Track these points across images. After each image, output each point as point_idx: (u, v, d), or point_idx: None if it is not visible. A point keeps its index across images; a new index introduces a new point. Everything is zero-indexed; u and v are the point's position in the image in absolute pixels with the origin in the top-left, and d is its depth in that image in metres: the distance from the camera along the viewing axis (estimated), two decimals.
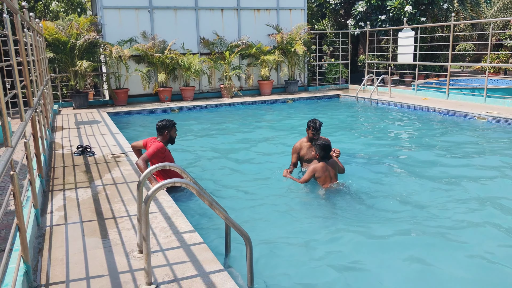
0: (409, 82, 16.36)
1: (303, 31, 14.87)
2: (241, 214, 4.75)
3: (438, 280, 3.41)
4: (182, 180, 2.78)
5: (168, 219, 3.93)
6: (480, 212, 4.67)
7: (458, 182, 5.63)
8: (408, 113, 11.09)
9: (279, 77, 15.47)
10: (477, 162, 6.55)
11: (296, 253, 3.88)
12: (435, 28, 19.78)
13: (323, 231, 4.30)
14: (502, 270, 3.53)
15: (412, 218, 4.55)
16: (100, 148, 6.98)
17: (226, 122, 10.61)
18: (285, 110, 12.29)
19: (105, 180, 5.20)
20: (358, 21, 16.92)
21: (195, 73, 13.04)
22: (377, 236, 4.16)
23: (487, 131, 8.65)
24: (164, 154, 5.22)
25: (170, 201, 4.39)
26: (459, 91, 12.87)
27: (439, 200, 5.04)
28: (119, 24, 13.13)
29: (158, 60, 13.03)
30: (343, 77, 16.82)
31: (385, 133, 9.12)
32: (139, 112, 11.82)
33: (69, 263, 3.17)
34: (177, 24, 13.83)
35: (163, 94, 13.22)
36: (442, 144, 7.72)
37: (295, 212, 4.77)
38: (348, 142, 8.14)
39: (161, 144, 5.26)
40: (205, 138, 8.77)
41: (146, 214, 2.70)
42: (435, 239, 4.08)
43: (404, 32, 13.99)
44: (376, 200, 5.04)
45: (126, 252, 3.32)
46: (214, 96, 14.36)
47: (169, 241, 3.48)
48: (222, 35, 14.29)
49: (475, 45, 23.39)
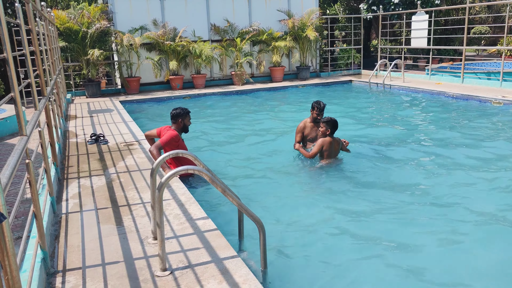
0: (423, 67, 16.11)
1: (314, 16, 14.69)
2: (254, 199, 4.76)
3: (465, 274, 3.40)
4: (195, 167, 2.78)
5: (182, 206, 3.95)
6: (493, 203, 4.61)
7: (470, 167, 5.56)
8: (421, 98, 10.95)
9: (291, 63, 15.35)
10: (491, 147, 6.45)
11: (310, 240, 3.89)
12: (450, 11, 19.38)
13: (335, 214, 4.30)
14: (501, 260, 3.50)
15: (411, 203, 4.52)
16: (113, 136, 7.04)
17: (238, 109, 10.60)
18: (297, 96, 12.22)
19: (119, 168, 5.25)
20: (370, 5, 16.65)
21: (206, 61, 13.00)
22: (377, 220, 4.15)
23: (504, 116, 8.50)
24: (177, 143, 5.24)
25: (183, 188, 4.41)
26: (474, 75, 12.65)
27: (447, 183, 4.99)
28: (130, 12, 13.11)
29: (169, 48, 13.02)
30: (356, 63, 16.62)
31: (398, 118, 9.02)
32: (151, 100, 11.86)
33: (85, 250, 3.22)
34: (188, 11, 13.77)
35: (175, 82, 13.23)
36: (455, 129, 7.61)
37: (308, 198, 4.77)
38: (360, 127, 8.07)
39: (175, 132, 5.28)
40: (217, 124, 8.77)
41: (160, 201, 2.72)
42: (440, 227, 4.05)
43: (417, 16, 13.74)
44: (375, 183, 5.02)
45: (140, 239, 3.35)
46: (225, 83, 14.33)
47: (182, 228, 3.50)
48: (233, 22, 14.19)
49: (490, 28, 22.89)
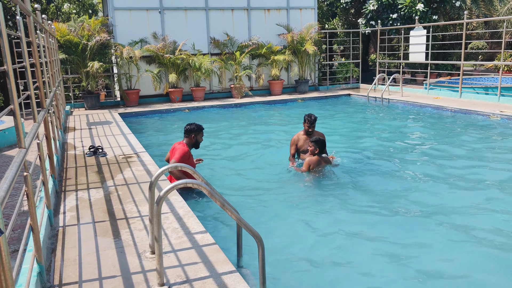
0: (421, 81, 16.20)
1: (313, 31, 14.81)
2: (253, 214, 4.74)
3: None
4: (194, 181, 2.77)
5: (180, 220, 3.93)
6: (485, 213, 4.60)
7: (469, 182, 5.56)
8: (420, 113, 10.98)
9: (290, 77, 15.42)
10: (488, 161, 6.46)
11: (309, 256, 3.86)
12: (447, 26, 19.58)
13: (333, 227, 4.27)
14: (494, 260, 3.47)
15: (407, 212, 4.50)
16: (112, 149, 7.02)
17: (236, 122, 10.61)
18: (295, 110, 12.24)
19: (117, 181, 5.22)
20: (369, 20, 16.81)
21: (205, 74, 13.06)
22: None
23: (501, 130, 8.52)
24: (188, 159, 5.28)
25: (182, 202, 4.39)
26: (472, 90, 12.71)
27: (443, 196, 4.98)
28: (130, 25, 13.20)
29: (169, 60, 13.08)
30: (354, 77, 16.72)
31: (396, 132, 9.04)
32: (150, 112, 11.87)
33: (82, 264, 3.18)
34: (188, 24, 13.87)
35: (174, 94, 13.27)
36: (453, 144, 7.62)
37: (306, 212, 4.75)
38: (358, 141, 8.08)
39: (186, 148, 5.37)
40: (216, 138, 8.76)
41: (158, 215, 2.70)
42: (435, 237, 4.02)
43: (415, 31, 13.86)
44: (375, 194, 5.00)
45: (138, 253, 3.32)
46: (224, 96, 14.37)
47: (180, 242, 3.47)
48: (233, 35, 14.29)
49: (488, 43, 23.09)
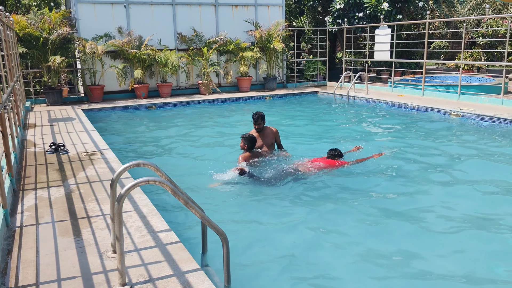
0: (386, 79, 16.55)
1: (281, 28, 14.86)
2: (219, 211, 4.71)
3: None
4: (156, 179, 2.72)
5: (144, 218, 3.86)
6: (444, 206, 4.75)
7: (428, 176, 5.72)
8: (384, 110, 11.22)
9: (258, 73, 15.43)
10: (448, 157, 6.67)
11: (271, 249, 3.87)
12: (411, 25, 20.06)
13: (292, 222, 4.32)
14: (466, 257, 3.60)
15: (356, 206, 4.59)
16: (74, 146, 6.82)
17: (204, 119, 10.53)
18: (263, 107, 12.27)
19: (79, 179, 5.07)
20: (335, 18, 17.01)
21: (172, 69, 12.88)
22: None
23: (460, 127, 8.82)
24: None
25: (146, 200, 4.31)
26: (434, 88, 13.09)
27: (407, 192, 5.11)
28: (94, 19, 12.85)
29: (134, 56, 12.82)
30: (321, 74, 16.89)
31: (360, 129, 9.20)
32: (115, 108, 11.60)
33: (40, 265, 3.07)
34: (154, 19, 13.63)
35: (140, 90, 13.02)
36: (415, 140, 7.83)
37: (268, 208, 4.77)
38: (323, 138, 8.17)
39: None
40: (182, 134, 8.67)
41: (119, 214, 2.63)
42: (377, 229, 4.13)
43: (380, 30, 14.13)
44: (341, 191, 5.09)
45: (99, 253, 3.24)
46: (192, 92, 14.22)
47: (144, 241, 3.41)
48: (200, 31, 14.16)
49: (449, 43, 23.84)
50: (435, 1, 20.52)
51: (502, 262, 3.63)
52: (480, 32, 19.79)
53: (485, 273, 3.49)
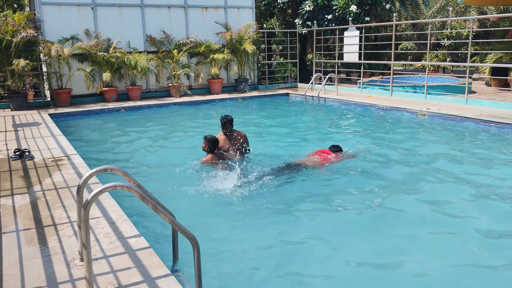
0: (355, 80, 16.82)
1: (251, 30, 14.90)
2: (189, 215, 4.67)
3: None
4: (124, 184, 2.66)
5: (113, 224, 3.78)
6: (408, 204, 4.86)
7: (397, 175, 5.84)
8: (354, 110, 11.40)
9: (229, 75, 15.41)
10: (416, 155, 6.83)
11: (245, 252, 3.86)
12: (379, 27, 20.50)
13: (263, 225, 4.32)
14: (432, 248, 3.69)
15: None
16: (40, 152, 6.63)
17: (174, 122, 10.42)
18: (235, 109, 12.25)
19: (45, 185, 4.93)
20: (305, 21, 17.18)
21: (141, 72, 12.71)
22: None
23: (427, 126, 9.05)
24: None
25: (115, 205, 4.22)
26: (402, 89, 13.39)
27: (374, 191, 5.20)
28: (60, 21, 12.54)
29: (103, 59, 12.58)
30: (292, 76, 17.02)
31: (331, 130, 9.32)
32: (83, 113, 11.35)
33: (3, 276, 2.96)
34: (123, 21, 13.42)
35: (109, 94, 12.79)
36: (384, 139, 7.98)
37: (238, 210, 4.76)
38: (294, 139, 8.23)
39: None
40: (152, 138, 8.55)
41: (85, 220, 2.57)
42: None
43: (349, 32, 14.36)
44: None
45: (66, 261, 3.15)
46: (162, 95, 14.07)
47: (113, 247, 3.34)
48: (170, 33, 14.03)
49: (416, 44, 24.47)
50: (402, 3, 21.00)
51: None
52: (445, 34, 20.41)
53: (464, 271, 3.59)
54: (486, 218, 4.51)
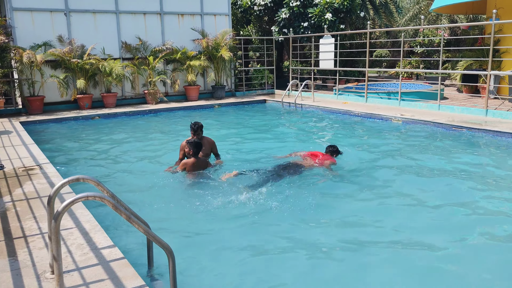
0: (331, 87, 17.02)
1: (228, 37, 14.92)
2: (165, 224, 4.61)
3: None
4: (96, 194, 2.61)
5: (86, 235, 3.69)
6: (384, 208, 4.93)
7: (374, 181, 5.92)
8: (330, 117, 11.52)
9: (206, 82, 15.38)
10: (391, 160, 6.94)
11: (220, 261, 3.83)
12: (354, 35, 20.81)
13: (228, 231, 4.31)
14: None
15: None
16: (10, 161, 6.44)
17: (150, 129, 10.31)
18: (212, 116, 12.22)
19: (16, 196, 4.79)
20: (281, 28, 17.32)
21: (117, 79, 12.55)
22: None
23: (401, 132, 9.22)
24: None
25: (88, 215, 4.14)
26: (377, 95, 13.61)
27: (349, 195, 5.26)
28: (32, 27, 12.28)
29: (77, 65, 12.37)
30: (269, 83, 17.10)
31: (308, 136, 9.38)
32: (56, 120, 11.11)
33: None
34: (97, 28, 13.25)
35: (83, 101, 12.57)
36: (359, 145, 8.08)
37: (205, 217, 4.73)
38: (272, 146, 8.25)
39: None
40: (128, 146, 8.43)
41: (56, 232, 2.51)
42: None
43: (325, 39, 14.53)
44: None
45: (37, 274, 3.06)
46: (138, 102, 13.91)
47: (86, 259, 3.26)
48: (145, 40, 13.91)
49: (390, 51, 24.96)
50: (376, 11, 21.42)
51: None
52: (418, 41, 20.89)
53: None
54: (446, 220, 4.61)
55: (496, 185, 5.76)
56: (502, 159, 7.01)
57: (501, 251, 3.98)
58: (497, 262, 3.78)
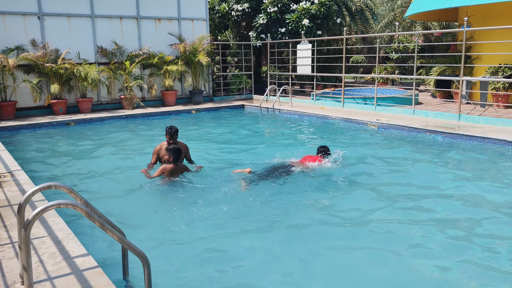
0: (309, 92, 17.17)
1: (206, 42, 14.89)
2: (142, 230, 4.54)
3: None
4: (68, 201, 2.55)
5: (59, 244, 3.60)
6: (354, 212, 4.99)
7: (350, 185, 5.98)
8: (308, 122, 11.60)
9: (183, 87, 15.29)
10: (367, 164, 7.02)
11: (196, 267, 3.79)
12: (331, 41, 21.08)
13: (209, 236, 4.29)
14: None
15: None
16: None
17: (126, 134, 10.16)
18: (189, 121, 12.14)
19: None
20: (259, 33, 17.39)
21: (92, 84, 12.35)
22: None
23: (377, 136, 9.35)
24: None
25: (62, 223, 4.03)
26: (353, 100, 13.79)
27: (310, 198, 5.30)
28: (4, 30, 12.00)
29: (51, 70, 12.12)
30: (247, 88, 17.13)
31: (285, 141, 9.41)
32: (29, 126, 10.84)
33: None
34: (72, 32, 13.02)
35: (57, 106, 12.31)
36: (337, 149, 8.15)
37: (174, 221, 4.69)
38: (250, 151, 8.24)
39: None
40: (103, 152, 8.28)
41: (26, 241, 2.43)
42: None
43: (302, 45, 14.66)
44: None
45: (6, 285, 2.96)
46: (114, 107, 13.72)
47: (58, 268, 3.18)
48: (122, 44, 13.75)
49: (366, 57, 25.36)
50: (352, 18, 21.75)
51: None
52: (393, 48, 21.29)
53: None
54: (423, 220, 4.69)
55: (472, 185, 5.89)
56: (472, 162, 7.18)
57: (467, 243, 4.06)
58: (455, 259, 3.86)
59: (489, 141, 8.11)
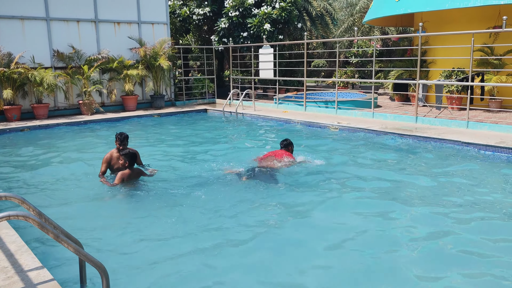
0: (272, 96, 17.27)
1: (167, 46, 14.71)
2: (101, 240, 4.40)
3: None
4: (20, 213, 2.43)
5: (11, 257, 3.43)
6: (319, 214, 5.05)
7: (312, 187, 6.05)
8: (270, 126, 11.65)
9: (144, 92, 15.02)
10: (328, 166, 7.13)
11: (156, 276, 3.71)
12: (292, 45, 21.32)
13: (168, 240, 4.22)
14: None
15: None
16: None
17: (84, 141, 9.86)
18: (151, 126, 11.93)
19: None
20: (221, 37, 17.36)
21: (48, 89, 11.92)
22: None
23: (338, 138, 9.51)
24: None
25: (14, 235, 3.85)
26: (315, 104, 13.98)
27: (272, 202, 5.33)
28: None
29: (3, 75, 11.61)
30: (210, 92, 17.04)
31: (249, 144, 9.42)
32: None
33: None
34: (26, 35, 12.54)
35: (11, 112, 11.80)
36: (299, 152, 8.22)
37: (137, 228, 4.59)
38: (212, 155, 8.19)
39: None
40: (59, 159, 8.00)
41: None
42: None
43: (264, 49, 14.74)
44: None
45: None
46: (72, 113, 13.30)
47: (10, 283, 3.02)
48: (79, 48, 13.37)
49: (327, 61, 25.82)
50: (312, 22, 22.08)
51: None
52: (352, 52, 21.79)
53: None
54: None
55: (429, 184, 6.08)
56: (429, 161, 7.43)
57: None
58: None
59: (444, 142, 8.42)
